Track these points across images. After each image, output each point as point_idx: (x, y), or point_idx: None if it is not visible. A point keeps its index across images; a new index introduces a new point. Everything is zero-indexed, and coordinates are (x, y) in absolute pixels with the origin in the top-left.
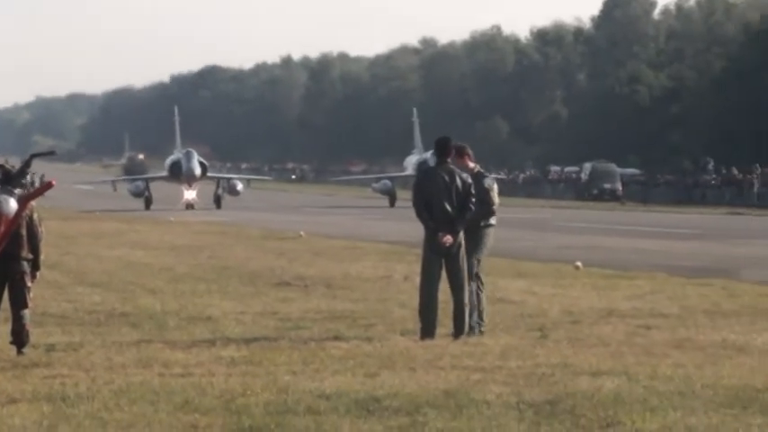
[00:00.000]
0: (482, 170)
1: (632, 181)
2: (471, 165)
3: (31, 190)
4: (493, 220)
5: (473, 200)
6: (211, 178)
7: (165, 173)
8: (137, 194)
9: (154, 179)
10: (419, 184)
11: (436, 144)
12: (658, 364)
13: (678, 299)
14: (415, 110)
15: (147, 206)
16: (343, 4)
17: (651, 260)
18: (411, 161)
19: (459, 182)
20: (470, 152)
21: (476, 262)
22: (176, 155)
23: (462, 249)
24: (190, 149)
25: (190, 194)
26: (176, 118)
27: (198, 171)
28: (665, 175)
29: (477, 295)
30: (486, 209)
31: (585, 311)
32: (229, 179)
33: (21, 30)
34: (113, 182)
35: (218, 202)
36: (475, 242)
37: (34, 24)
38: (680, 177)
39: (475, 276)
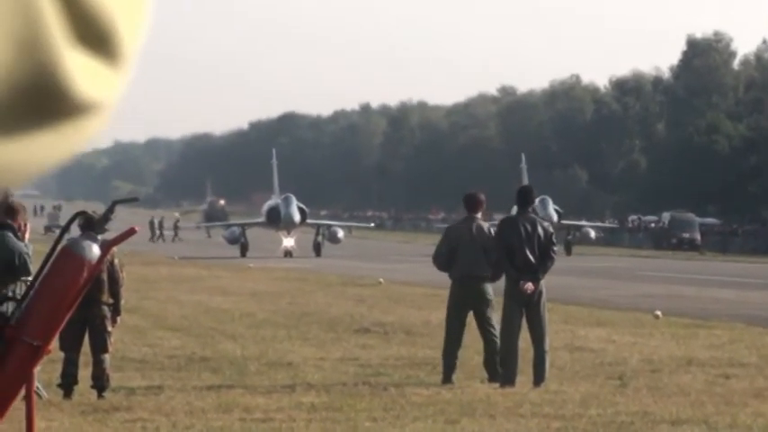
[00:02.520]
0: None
1: (711, 231)
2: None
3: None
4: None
5: (554, 248)
6: (311, 225)
7: (261, 219)
8: (232, 241)
9: (250, 225)
10: (501, 233)
11: (518, 193)
12: (738, 414)
13: (757, 348)
14: (523, 156)
15: (243, 253)
16: (421, 53)
17: (730, 310)
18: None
19: (540, 230)
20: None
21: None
22: (274, 200)
23: (543, 298)
24: (289, 195)
25: (288, 242)
26: (274, 161)
27: (297, 218)
28: (744, 225)
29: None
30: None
31: (665, 360)
32: (329, 226)
33: None
34: (207, 228)
35: (317, 249)
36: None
37: None
38: (759, 227)
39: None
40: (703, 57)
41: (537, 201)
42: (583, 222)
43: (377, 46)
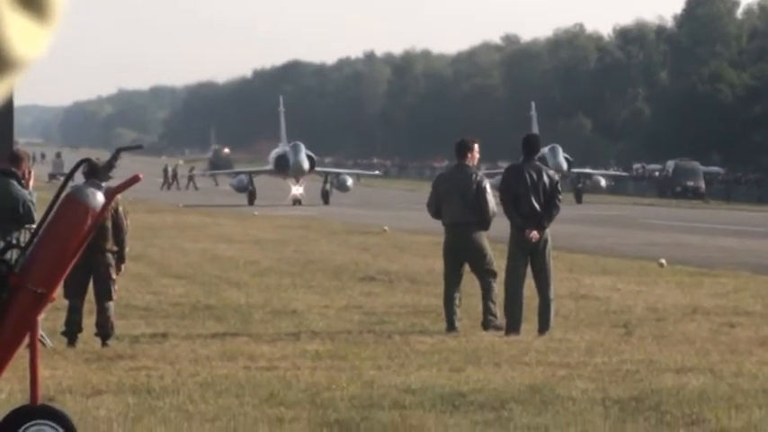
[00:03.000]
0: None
1: (715, 179)
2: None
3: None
4: None
5: (559, 197)
6: (319, 173)
7: (269, 166)
8: (240, 189)
9: (258, 173)
10: (506, 181)
11: (524, 142)
12: (743, 362)
13: (762, 297)
14: (533, 103)
15: (251, 201)
16: (425, 2)
17: (735, 258)
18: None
19: (546, 179)
20: (475, 147)
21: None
22: (282, 148)
23: (549, 246)
24: (297, 142)
25: (297, 190)
26: (281, 109)
27: (306, 165)
28: (748, 174)
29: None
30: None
31: (670, 309)
32: (338, 174)
33: (103, 24)
34: (214, 176)
35: (325, 197)
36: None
37: (116, 19)
38: (763, 175)
39: (491, 273)
40: (707, 5)
41: (547, 149)
42: (593, 170)
43: None
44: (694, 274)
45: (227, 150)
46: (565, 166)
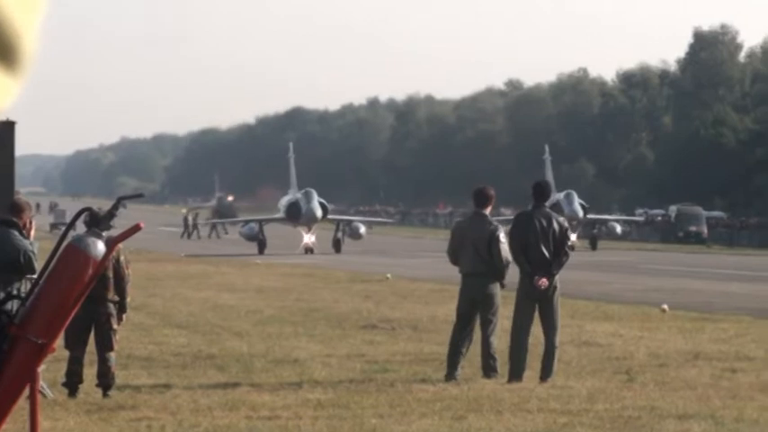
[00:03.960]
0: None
1: (718, 224)
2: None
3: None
4: None
5: (570, 244)
6: (331, 220)
7: (280, 214)
8: (250, 238)
9: (268, 221)
10: (516, 228)
11: (534, 188)
12: (744, 408)
13: (764, 342)
14: (546, 147)
15: (261, 250)
16: (428, 48)
17: (736, 303)
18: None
19: (555, 225)
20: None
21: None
22: (293, 195)
23: (557, 292)
24: (309, 189)
25: (309, 238)
26: (291, 155)
27: (319, 213)
28: (751, 218)
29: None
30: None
31: (672, 354)
32: (350, 221)
33: (106, 70)
34: (223, 224)
35: (337, 245)
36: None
37: (119, 65)
38: (765, 220)
39: (491, 323)
40: (710, 50)
41: (562, 195)
42: (609, 216)
43: (385, 40)
44: (696, 319)
45: (230, 198)
46: (581, 213)
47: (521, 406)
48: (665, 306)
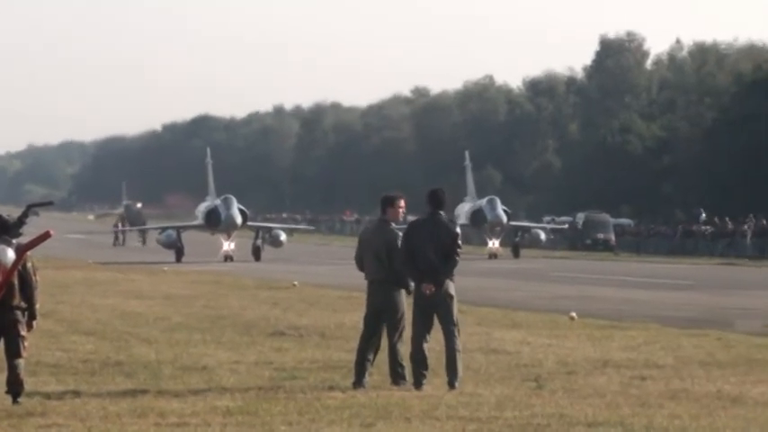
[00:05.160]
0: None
1: (625, 231)
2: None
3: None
4: None
5: (459, 250)
6: (251, 228)
7: (198, 221)
8: (168, 245)
9: (186, 228)
10: (406, 235)
11: (429, 196)
12: (654, 415)
13: (672, 349)
14: (467, 153)
15: (179, 258)
16: (335, 55)
17: (645, 311)
18: (464, 209)
19: (445, 232)
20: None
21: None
22: (211, 201)
23: (451, 299)
24: (229, 195)
25: (229, 245)
26: (209, 161)
27: (239, 220)
28: (658, 226)
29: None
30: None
31: (580, 362)
32: (270, 229)
33: (10, 77)
34: (142, 231)
35: (256, 253)
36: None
37: (24, 71)
38: (672, 228)
39: (397, 329)
40: (616, 57)
41: (485, 201)
42: (532, 224)
43: (291, 47)
44: (605, 327)
45: (139, 205)
46: (504, 218)
47: (429, 413)
48: (574, 314)
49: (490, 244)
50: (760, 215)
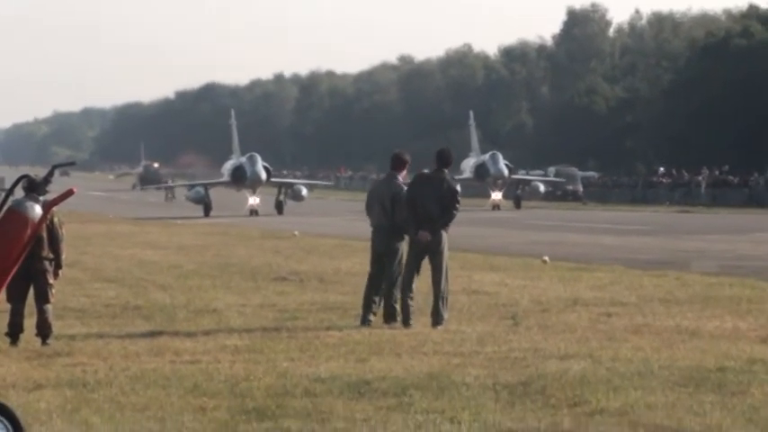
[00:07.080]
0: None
1: (592, 183)
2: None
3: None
4: None
5: (457, 205)
6: (274, 183)
7: (225, 178)
8: (197, 201)
9: (214, 185)
10: (410, 187)
11: (437, 155)
12: (619, 348)
13: (635, 289)
14: (471, 113)
15: (207, 213)
16: (329, 28)
17: (610, 254)
18: (469, 164)
19: (445, 186)
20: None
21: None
22: (237, 159)
23: (443, 247)
24: (253, 153)
25: (254, 200)
26: (233, 122)
27: (264, 176)
28: (622, 178)
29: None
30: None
31: (553, 301)
32: (293, 184)
33: (38, 51)
34: (169, 187)
35: (279, 208)
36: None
37: (51, 47)
38: (634, 179)
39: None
40: (582, 26)
41: (487, 156)
42: (532, 177)
43: (290, 21)
44: (574, 269)
45: (156, 165)
46: (506, 172)
47: (417, 349)
48: (546, 257)
49: (493, 196)
50: (713, 167)
